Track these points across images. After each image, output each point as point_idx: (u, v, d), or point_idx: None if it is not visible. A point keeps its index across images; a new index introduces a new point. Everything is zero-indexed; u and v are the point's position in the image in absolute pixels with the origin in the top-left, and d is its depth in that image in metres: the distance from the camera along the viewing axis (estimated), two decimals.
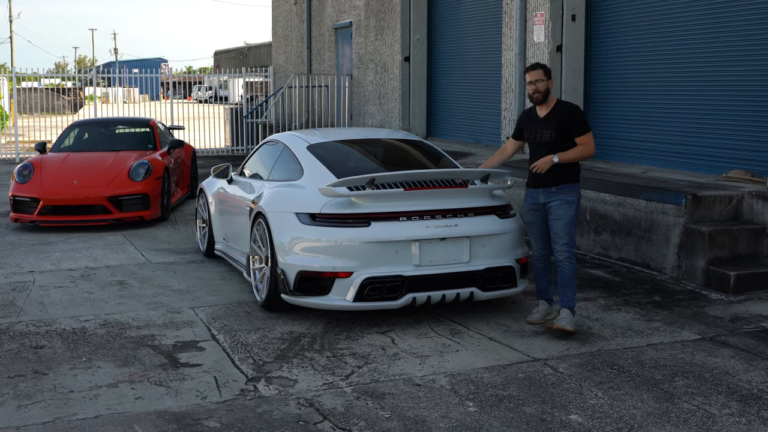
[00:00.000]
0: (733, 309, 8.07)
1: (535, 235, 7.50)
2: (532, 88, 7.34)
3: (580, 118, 7.34)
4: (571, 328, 7.15)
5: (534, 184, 7.40)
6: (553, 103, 7.40)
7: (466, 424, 5.40)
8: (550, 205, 7.29)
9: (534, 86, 7.32)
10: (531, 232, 7.54)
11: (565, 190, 7.27)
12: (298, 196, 7.85)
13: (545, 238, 7.45)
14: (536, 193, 7.39)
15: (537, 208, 7.41)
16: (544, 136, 7.31)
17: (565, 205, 7.24)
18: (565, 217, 7.23)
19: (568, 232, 7.24)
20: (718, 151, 10.84)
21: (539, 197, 7.37)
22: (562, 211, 7.24)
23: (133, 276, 9.53)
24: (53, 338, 7.23)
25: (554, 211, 7.27)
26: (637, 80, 12.31)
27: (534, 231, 7.50)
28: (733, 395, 5.86)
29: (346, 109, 21.43)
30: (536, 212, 7.42)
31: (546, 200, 7.31)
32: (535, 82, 7.30)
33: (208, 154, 23.99)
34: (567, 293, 7.28)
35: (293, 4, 25.83)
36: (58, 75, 29.97)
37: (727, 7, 10.73)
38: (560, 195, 7.26)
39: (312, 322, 7.61)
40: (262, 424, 5.42)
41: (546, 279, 7.57)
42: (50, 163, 13.30)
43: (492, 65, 15.51)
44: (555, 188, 7.27)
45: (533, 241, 7.55)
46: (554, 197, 7.27)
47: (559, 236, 7.25)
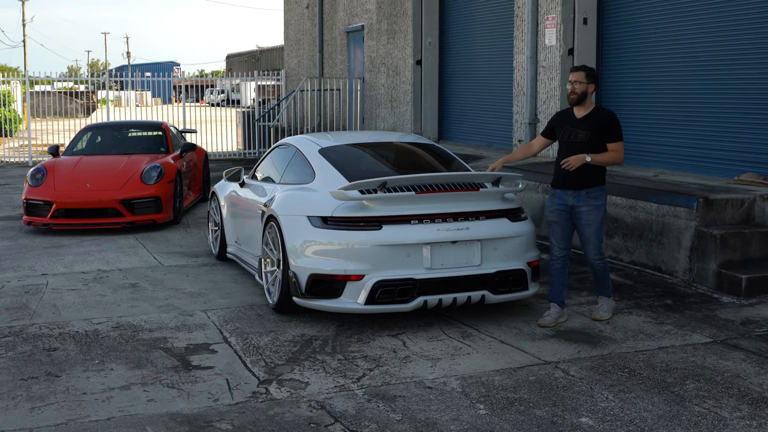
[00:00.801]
0: (744, 312, 8.06)
1: (558, 235, 7.66)
2: (570, 88, 7.56)
3: (616, 125, 7.52)
4: (607, 316, 7.74)
5: (562, 186, 7.59)
6: (591, 108, 7.59)
7: (477, 426, 5.42)
8: (580, 209, 7.50)
9: (571, 86, 7.54)
10: (554, 231, 7.68)
11: (593, 194, 7.49)
12: (310, 200, 7.87)
13: (568, 239, 7.66)
14: (565, 195, 7.57)
15: (564, 209, 7.59)
16: (579, 136, 7.51)
17: (595, 211, 7.49)
18: (595, 223, 7.51)
19: (599, 236, 7.55)
20: (730, 155, 10.83)
21: (568, 199, 7.55)
22: (592, 217, 7.49)
23: (145, 279, 9.57)
24: (66, 341, 7.27)
25: (585, 217, 7.50)
26: (649, 83, 12.31)
27: (557, 231, 7.66)
28: (744, 398, 5.86)
29: (358, 113, 21.47)
30: (562, 213, 7.60)
31: (575, 203, 7.52)
32: (573, 82, 7.52)
33: (220, 157, 24.05)
34: (604, 285, 7.78)
35: (305, 8, 25.89)
36: (71, 79, 30.09)
37: (738, 11, 10.72)
38: (589, 200, 7.48)
39: (323, 325, 7.63)
40: (274, 426, 5.44)
41: (561, 281, 7.69)
42: (63, 166, 13.37)
43: (504, 68, 15.52)
44: (585, 191, 7.47)
45: (555, 241, 7.68)
46: (584, 202, 7.49)
47: (590, 240, 7.55)
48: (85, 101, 45.09)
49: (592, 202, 7.49)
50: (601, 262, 7.64)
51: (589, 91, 7.53)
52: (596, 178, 7.51)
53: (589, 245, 7.58)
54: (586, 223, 7.51)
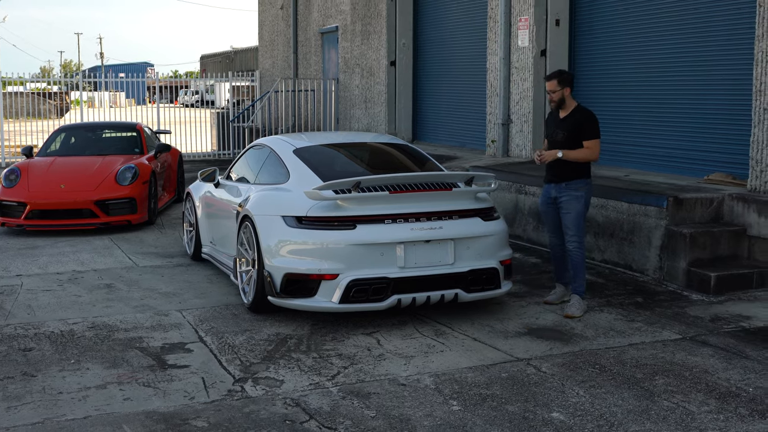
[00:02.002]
0: (713, 309, 8.19)
1: (549, 226, 8.31)
2: (549, 97, 8.20)
3: (590, 125, 8.02)
4: (579, 314, 7.92)
5: (547, 180, 8.24)
6: (572, 108, 8.13)
7: (450, 422, 5.50)
8: (561, 199, 8.06)
9: (550, 95, 8.17)
10: (546, 223, 8.38)
11: (573, 186, 8.00)
12: (285, 200, 7.93)
13: (558, 229, 8.21)
14: (549, 188, 8.19)
15: (549, 201, 8.20)
16: (558, 135, 8.07)
17: (574, 200, 7.99)
18: (573, 211, 7.99)
19: (577, 224, 7.99)
20: (700, 154, 10.98)
21: (551, 192, 8.16)
22: (570, 206, 8.00)
23: (120, 279, 9.59)
24: (42, 341, 7.28)
25: (564, 206, 8.03)
26: (620, 84, 12.45)
27: (548, 222, 8.31)
28: (712, 393, 5.97)
29: (333, 113, 21.53)
30: (549, 205, 8.21)
31: (557, 195, 8.09)
32: (549, 92, 8.14)
33: (194, 158, 24.01)
34: (577, 279, 8.07)
35: (280, 9, 25.92)
36: (44, 79, 29.97)
37: (708, 12, 10.87)
38: (569, 190, 8.01)
39: (298, 324, 7.69)
40: (249, 423, 5.50)
41: (561, 265, 8.34)
42: (37, 167, 13.34)
43: (477, 69, 15.63)
44: (564, 184, 8.02)
45: (548, 231, 8.39)
46: (563, 192, 8.03)
47: (568, 228, 8.02)
48: (58, 102, 44.81)
49: (572, 192, 7.98)
50: (578, 251, 7.99)
51: (565, 94, 8.08)
52: (575, 171, 7.99)
53: (568, 232, 8.00)
54: (565, 212, 8.01)
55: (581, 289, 8.06)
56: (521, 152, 13.81)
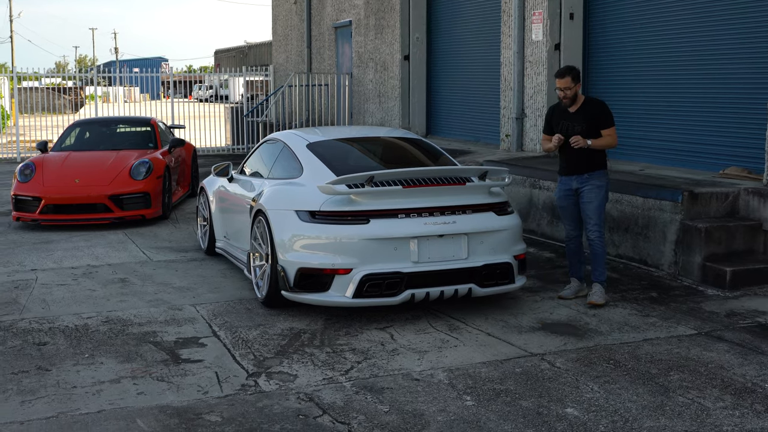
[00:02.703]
0: (729, 304, 8.14)
1: (568, 218, 8.34)
2: (561, 94, 8.15)
3: (607, 113, 8.15)
4: (602, 301, 8.05)
5: (567, 172, 8.24)
6: (582, 100, 8.20)
7: (464, 417, 5.48)
8: (583, 189, 8.13)
9: (563, 93, 8.12)
10: (564, 215, 8.38)
11: (595, 176, 8.11)
12: (298, 194, 7.92)
13: (577, 221, 8.29)
14: (569, 180, 8.22)
15: (570, 193, 8.23)
16: (575, 128, 8.08)
17: (596, 190, 8.09)
18: (595, 200, 8.07)
19: (599, 213, 8.09)
20: (716, 149, 10.92)
21: (572, 183, 8.19)
22: (593, 195, 8.08)
23: (134, 274, 9.60)
24: (56, 335, 7.30)
25: (586, 195, 8.11)
26: (635, 78, 12.39)
27: (566, 214, 8.33)
28: (728, 389, 5.94)
29: (346, 108, 21.50)
30: (569, 197, 8.24)
31: (579, 185, 8.15)
32: (564, 89, 8.09)
33: (208, 152, 24.06)
34: (598, 268, 8.16)
35: (293, 3, 25.90)
36: (59, 74, 30.04)
37: (724, 5, 10.80)
38: (591, 180, 8.10)
39: (312, 319, 7.69)
40: (263, 418, 5.50)
41: (577, 258, 8.40)
42: (52, 162, 13.37)
43: (491, 64, 15.58)
44: (587, 174, 8.10)
45: (566, 223, 8.40)
46: (586, 183, 8.11)
47: (590, 217, 8.11)
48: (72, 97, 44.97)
49: (594, 182, 8.09)
50: (600, 240, 8.09)
51: (578, 90, 8.13)
52: (597, 162, 8.12)
53: (590, 222, 8.09)
54: (587, 201, 8.08)
55: (603, 278, 8.18)
56: (535, 146, 13.77)
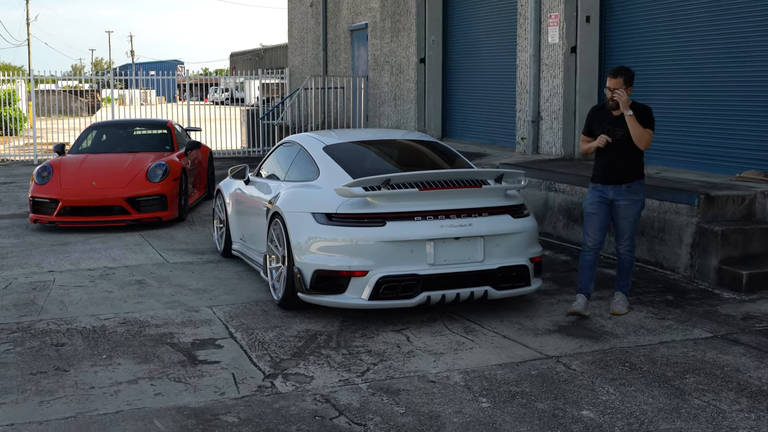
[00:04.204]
0: (745, 308, 8.13)
1: (595, 227, 7.87)
2: (609, 95, 7.78)
3: (650, 117, 7.81)
4: (625, 311, 7.91)
5: (604, 180, 7.85)
6: (629, 105, 7.75)
7: (479, 419, 5.50)
8: (620, 202, 7.78)
9: (610, 93, 7.77)
10: (591, 222, 7.89)
11: (633, 188, 7.77)
12: (315, 197, 7.95)
13: (603, 232, 7.90)
14: (606, 189, 7.83)
15: (604, 202, 7.84)
16: (617, 133, 7.73)
17: (634, 205, 7.78)
18: (632, 216, 7.79)
19: (634, 228, 7.86)
20: (732, 152, 10.90)
21: (608, 193, 7.81)
22: (630, 210, 7.78)
23: (151, 275, 9.65)
24: (74, 336, 7.35)
25: (623, 210, 7.78)
26: (651, 81, 12.36)
27: (594, 223, 7.87)
28: (743, 392, 5.93)
29: (362, 111, 21.54)
30: (602, 205, 7.85)
31: (615, 197, 7.79)
32: (612, 90, 7.74)
33: (224, 155, 24.13)
34: (625, 279, 8.02)
35: (309, 6, 25.96)
36: (75, 77, 30.20)
37: (740, 9, 10.77)
38: (630, 194, 7.76)
39: (328, 321, 7.71)
40: (279, 419, 5.53)
41: (590, 274, 7.93)
42: (69, 164, 13.45)
43: (507, 66, 15.58)
44: (625, 186, 7.74)
45: (591, 232, 7.89)
46: (624, 196, 7.76)
47: (624, 232, 7.85)
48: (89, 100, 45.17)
49: (632, 196, 7.76)
50: (630, 255, 7.91)
51: (628, 94, 7.74)
52: (636, 173, 7.79)
53: (624, 237, 7.85)
54: (623, 216, 7.79)
55: (627, 288, 8.08)
56: (551, 149, 13.76)
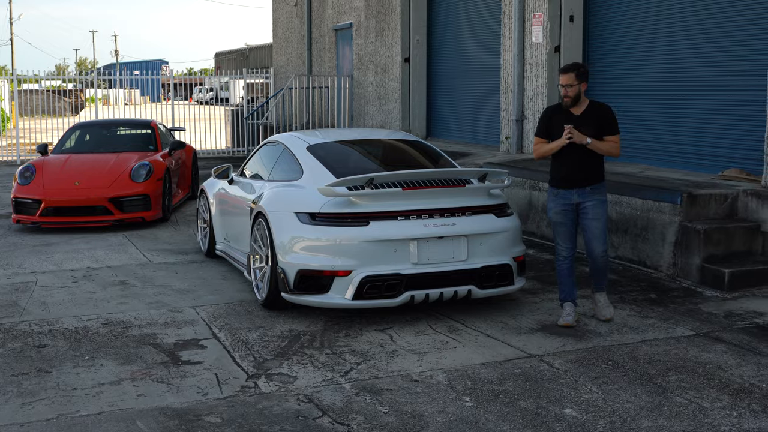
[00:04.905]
0: (727, 306, 8.16)
1: (565, 235, 7.62)
2: (563, 92, 7.50)
3: (614, 120, 7.58)
4: (612, 314, 7.68)
5: (566, 185, 7.53)
6: (587, 103, 7.57)
7: (463, 418, 5.50)
8: (586, 205, 7.49)
9: (564, 90, 7.48)
10: (560, 232, 7.63)
11: (597, 190, 7.52)
12: (298, 196, 7.94)
13: (574, 239, 7.65)
14: (569, 194, 7.52)
15: (569, 209, 7.54)
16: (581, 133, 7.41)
17: (601, 205, 7.52)
18: (601, 217, 7.51)
19: (604, 229, 7.55)
20: (715, 150, 10.94)
21: (573, 197, 7.52)
22: (599, 211, 7.49)
23: (134, 276, 9.62)
24: (56, 337, 7.32)
25: (591, 211, 7.48)
26: (635, 81, 12.41)
27: (564, 231, 7.61)
28: (725, 389, 5.96)
29: (347, 110, 21.53)
30: (568, 213, 7.56)
31: (581, 200, 7.50)
32: (565, 86, 7.46)
33: (209, 155, 24.07)
34: (602, 279, 7.71)
35: (294, 6, 25.93)
36: (59, 77, 30.06)
37: (723, 8, 10.82)
38: (594, 195, 7.49)
39: (312, 320, 7.71)
40: (263, 419, 5.52)
41: (571, 281, 7.66)
42: (52, 164, 13.40)
43: (491, 66, 15.60)
44: (590, 188, 7.48)
45: (562, 241, 7.63)
46: (589, 198, 7.48)
47: (597, 236, 7.50)
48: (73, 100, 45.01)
49: (597, 197, 7.50)
50: (606, 257, 7.64)
51: (582, 90, 7.49)
52: (599, 174, 7.55)
53: (597, 240, 7.51)
54: (593, 218, 7.48)
55: (604, 285, 7.75)
56: (529, 148, 13.76)
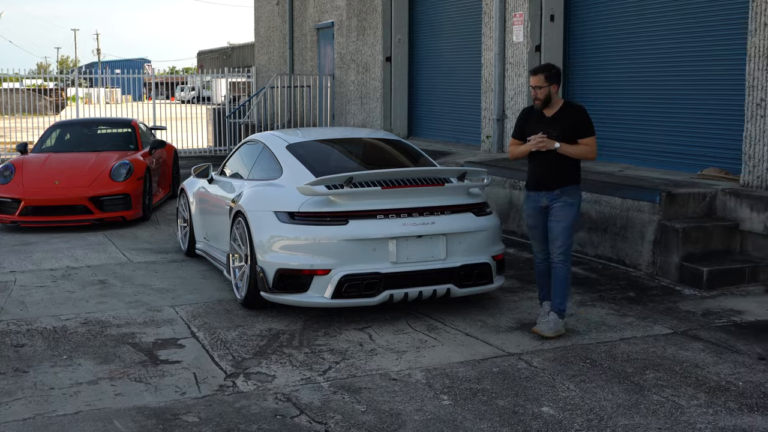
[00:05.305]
0: (705, 304, 8.20)
1: (537, 238, 7.41)
2: (533, 93, 7.31)
3: (587, 122, 7.28)
4: (550, 334, 7.12)
5: (536, 187, 7.36)
6: (561, 104, 7.33)
7: (440, 416, 5.51)
8: (553, 206, 7.24)
9: (534, 92, 7.29)
10: (533, 235, 7.47)
11: (567, 192, 7.23)
12: (277, 195, 7.94)
13: (546, 241, 7.36)
14: (539, 197, 7.33)
15: (539, 211, 7.34)
16: (552, 135, 7.20)
17: (567, 207, 7.20)
18: (564, 220, 7.18)
19: (566, 234, 7.18)
20: (695, 149, 10.99)
21: (542, 200, 7.31)
22: (563, 213, 7.19)
23: (114, 275, 9.59)
24: (34, 337, 7.29)
25: (555, 213, 7.21)
26: (615, 80, 12.46)
27: (536, 235, 7.42)
28: (702, 387, 5.99)
29: (328, 109, 21.52)
30: (538, 216, 7.35)
31: (549, 202, 7.27)
32: (535, 88, 7.25)
33: (190, 154, 24.01)
34: (557, 296, 7.24)
35: (275, 5, 25.90)
36: (40, 76, 29.93)
37: (701, 9, 10.87)
38: (563, 197, 7.21)
39: (291, 320, 7.70)
40: (240, 418, 5.51)
41: (546, 281, 7.45)
42: (32, 163, 13.34)
43: (472, 65, 15.62)
44: (558, 191, 7.22)
45: (535, 244, 7.47)
46: (557, 200, 7.23)
47: (556, 238, 7.20)
48: (54, 99, 44.82)
49: (566, 199, 7.22)
50: (562, 265, 7.20)
51: (552, 92, 7.24)
52: (571, 177, 7.26)
53: (555, 243, 7.20)
54: (555, 220, 7.20)
55: (563, 308, 7.24)
56: None
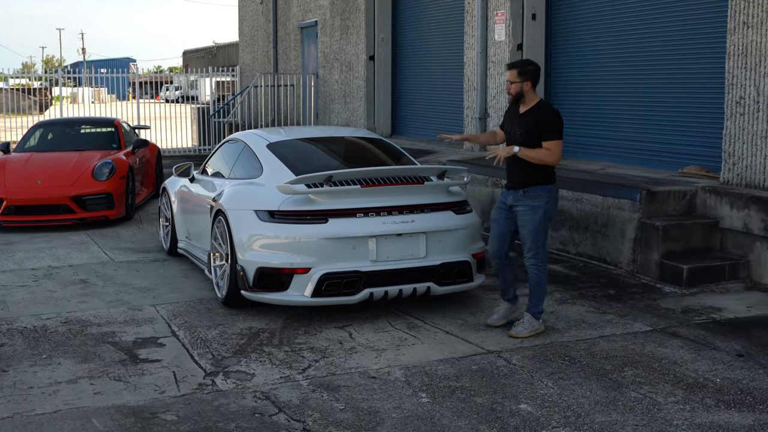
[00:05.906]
0: (685, 301, 8.24)
1: (494, 233, 7.37)
2: (506, 88, 7.30)
3: (552, 124, 7.07)
4: (525, 334, 7.11)
5: (506, 185, 7.33)
6: (534, 103, 7.20)
7: (418, 414, 5.53)
8: (516, 209, 7.15)
9: (507, 86, 7.28)
10: (492, 229, 7.42)
11: (531, 194, 7.08)
12: (257, 194, 7.94)
13: (502, 238, 7.32)
14: (505, 195, 7.29)
15: (504, 207, 7.29)
16: (516, 133, 7.19)
17: (531, 211, 7.08)
18: (529, 224, 7.08)
19: (534, 238, 7.09)
20: (676, 147, 11.04)
21: (507, 198, 7.26)
22: (527, 218, 7.08)
23: (95, 275, 9.57)
24: (14, 336, 7.28)
25: (520, 217, 7.13)
26: (596, 78, 12.50)
27: (494, 229, 7.38)
28: (679, 384, 6.02)
29: (312, 108, 21.52)
30: (501, 212, 7.31)
31: (513, 203, 7.18)
32: (508, 82, 7.24)
33: (174, 153, 23.95)
34: (533, 298, 7.22)
35: (259, 4, 25.88)
36: (25, 75, 29.84)
37: (681, 8, 10.92)
38: (526, 200, 7.08)
39: (271, 318, 7.71)
40: (219, 416, 5.52)
41: (503, 278, 7.47)
42: (14, 163, 13.29)
43: (455, 64, 15.65)
44: (522, 191, 7.11)
45: (490, 238, 7.43)
46: (521, 202, 7.12)
47: (524, 242, 7.15)
48: (39, 98, 44.65)
49: (529, 202, 7.07)
50: (534, 269, 7.14)
51: (524, 89, 7.13)
52: (535, 177, 7.09)
53: (524, 248, 7.15)
54: (521, 224, 7.13)
55: (537, 310, 7.20)
56: (498, 146, 13.83)
